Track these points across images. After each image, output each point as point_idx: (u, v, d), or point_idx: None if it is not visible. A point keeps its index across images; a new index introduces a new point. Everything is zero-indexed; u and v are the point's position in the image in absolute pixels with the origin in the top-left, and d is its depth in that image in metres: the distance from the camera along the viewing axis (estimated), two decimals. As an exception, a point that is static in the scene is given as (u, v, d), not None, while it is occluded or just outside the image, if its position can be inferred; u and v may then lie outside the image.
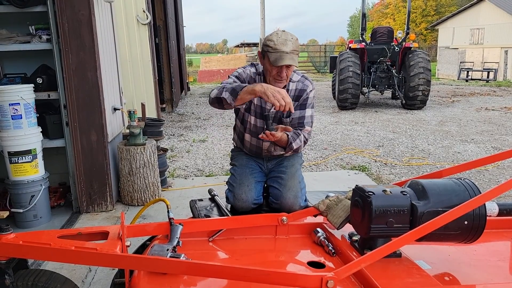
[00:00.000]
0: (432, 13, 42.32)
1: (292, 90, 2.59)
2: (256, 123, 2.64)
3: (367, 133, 8.14)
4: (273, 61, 2.36)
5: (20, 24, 3.99)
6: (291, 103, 2.23)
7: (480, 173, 5.42)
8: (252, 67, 2.64)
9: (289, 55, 2.34)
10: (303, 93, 2.60)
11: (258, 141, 2.68)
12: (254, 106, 2.62)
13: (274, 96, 2.18)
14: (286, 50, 2.34)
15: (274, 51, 2.35)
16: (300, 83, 2.61)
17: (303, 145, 2.62)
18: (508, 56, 21.20)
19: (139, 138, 4.28)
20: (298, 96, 2.61)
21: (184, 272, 1.69)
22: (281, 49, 2.34)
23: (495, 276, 1.79)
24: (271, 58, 2.36)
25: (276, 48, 2.35)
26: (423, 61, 10.71)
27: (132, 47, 6.69)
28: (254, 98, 2.48)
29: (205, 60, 26.76)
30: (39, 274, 1.80)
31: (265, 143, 2.67)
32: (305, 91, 2.60)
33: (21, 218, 3.70)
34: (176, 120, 9.93)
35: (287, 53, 2.34)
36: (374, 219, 1.76)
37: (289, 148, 2.53)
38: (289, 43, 2.35)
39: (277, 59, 2.34)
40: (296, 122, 2.61)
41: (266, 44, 2.39)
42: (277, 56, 2.34)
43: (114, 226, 1.95)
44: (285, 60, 2.33)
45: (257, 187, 2.62)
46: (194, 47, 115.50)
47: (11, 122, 3.53)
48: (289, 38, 2.37)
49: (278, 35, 2.38)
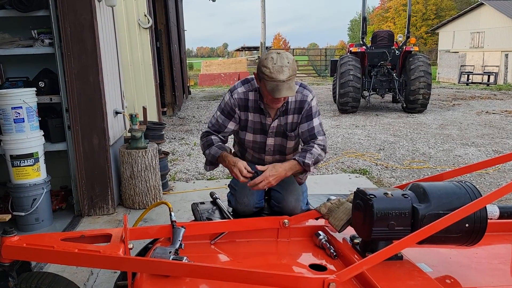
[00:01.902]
0: (433, 17, 42.40)
1: (292, 102, 2.48)
2: (256, 139, 2.59)
3: (368, 137, 8.14)
4: (270, 91, 2.25)
5: (22, 28, 4.01)
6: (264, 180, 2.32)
7: (481, 176, 5.43)
8: (244, 85, 2.52)
9: (286, 84, 2.24)
10: (304, 104, 2.48)
11: (260, 156, 2.65)
12: (251, 123, 2.54)
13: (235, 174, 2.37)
14: (283, 79, 2.22)
15: (270, 80, 2.24)
16: (299, 93, 2.48)
17: (324, 153, 2.52)
18: (508, 60, 21.21)
19: (140, 141, 4.29)
20: (300, 108, 2.49)
21: (186, 275, 1.70)
22: (277, 78, 2.22)
23: (496, 279, 1.79)
24: (268, 87, 2.27)
25: (272, 77, 2.23)
26: (423, 65, 10.72)
27: (134, 51, 6.71)
28: (251, 114, 2.49)
29: (206, 64, 26.77)
30: (42, 277, 1.81)
31: (267, 157, 2.64)
32: (306, 101, 2.48)
33: (23, 221, 3.71)
34: (177, 124, 9.95)
35: (284, 81, 2.23)
36: (375, 222, 1.77)
37: (307, 167, 2.43)
38: (285, 70, 2.23)
39: (274, 90, 2.24)
40: (307, 135, 2.51)
41: (262, 71, 2.27)
42: (274, 86, 2.24)
43: (116, 229, 1.96)
44: (282, 91, 2.23)
45: (259, 191, 2.60)
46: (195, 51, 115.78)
47: (13, 125, 3.54)
48: (285, 63, 2.24)
49: (273, 61, 2.24)
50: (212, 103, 14.14)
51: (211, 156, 2.52)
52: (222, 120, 2.54)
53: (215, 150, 2.50)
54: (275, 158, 2.64)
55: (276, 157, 2.65)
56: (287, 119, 2.51)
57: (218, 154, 2.48)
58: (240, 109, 2.51)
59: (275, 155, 2.64)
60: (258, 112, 2.50)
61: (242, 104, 2.50)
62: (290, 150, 2.64)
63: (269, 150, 2.60)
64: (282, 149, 2.62)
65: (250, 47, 34.94)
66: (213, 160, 2.53)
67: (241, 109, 2.51)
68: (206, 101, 14.69)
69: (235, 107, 2.50)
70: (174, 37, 11.67)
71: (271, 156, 2.63)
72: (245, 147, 2.67)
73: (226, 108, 2.52)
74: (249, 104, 2.50)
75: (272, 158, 2.64)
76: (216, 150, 2.50)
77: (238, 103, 2.50)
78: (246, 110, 2.51)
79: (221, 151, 2.49)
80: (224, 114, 2.53)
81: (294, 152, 2.64)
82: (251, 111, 2.51)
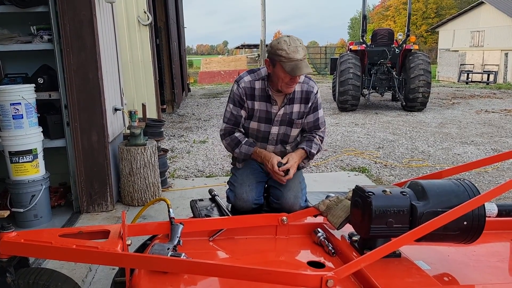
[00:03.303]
0: (433, 16, 42.36)
1: (298, 92, 2.57)
2: (260, 127, 2.62)
3: (367, 135, 8.14)
4: (290, 71, 2.34)
5: (21, 24, 4.00)
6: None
7: (479, 175, 5.43)
8: (250, 74, 2.60)
9: (304, 62, 2.36)
10: (310, 95, 2.59)
11: (262, 145, 2.66)
12: (257, 111, 2.59)
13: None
14: (300, 58, 2.34)
15: (288, 61, 2.33)
16: (305, 84, 2.59)
17: (322, 145, 2.71)
18: (508, 59, 21.19)
19: (139, 138, 4.29)
20: (306, 98, 2.59)
21: (184, 271, 1.70)
22: (295, 58, 2.33)
23: (494, 276, 1.79)
24: (287, 68, 2.34)
25: (289, 58, 2.33)
26: (423, 63, 10.71)
27: (133, 48, 6.70)
28: (257, 103, 2.55)
29: (205, 61, 26.76)
30: (40, 273, 1.81)
31: (269, 147, 2.66)
32: (312, 92, 2.59)
33: (22, 217, 3.70)
34: (176, 121, 9.94)
35: (301, 60, 2.35)
36: (374, 219, 1.77)
37: (312, 156, 2.63)
38: (299, 49, 2.35)
39: (294, 69, 2.34)
40: (312, 126, 2.66)
41: (277, 54, 2.35)
42: (293, 65, 2.34)
43: (115, 225, 1.96)
44: (302, 69, 2.35)
45: (258, 187, 2.63)
46: (195, 49, 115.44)
47: (12, 122, 3.54)
48: (298, 44, 2.37)
49: (287, 43, 2.35)
50: (211, 100, 14.13)
51: (244, 155, 2.63)
52: (236, 111, 2.59)
53: (247, 148, 2.61)
54: (276, 148, 2.67)
55: (278, 147, 2.67)
56: (293, 108, 2.58)
57: (251, 152, 2.61)
58: (247, 98, 2.57)
59: (277, 145, 2.66)
60: (264, 101, 2.56)
61: (248, 93, 2.56)
62: (292, 139, 2.68)
63: (272, 139, 2.63)
64: (285, 138, 2.65)
65: (250, 44, 34.91)
66: (246, 157, 2.65)
67: (248, 98, 2.57)
68: (205, 99, 14.68)
69: (243, 96, 2.56)
70: (173, 34, 11.66)
71: (273, 145, 2.66)
72: (248, 135, 2.70)
73: (236, 98, 2.58)
74: (255, 93, 2.56)
75: (274, 148, 2.67)
76: (247, 148, 2.61)
77: (246, 92, 2.56)
78: (253, 99, 2.56)
79: (253, 148, 2.61)
80: (236, 104, 2.59)
81: (294, 142, 2.70)
82: (258, 99, 2.56)
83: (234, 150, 2.65)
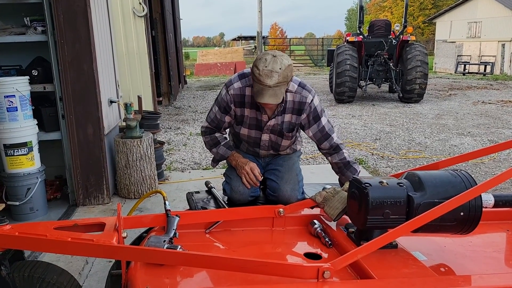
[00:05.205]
0: (430, 7, 42.21)
1: (290, 102, 2.42)
2: (251, 134, 2.56)
3: (364, 127, 8.14)
4: (254, 93, 2.23)
5: (15, 15, 3.96)
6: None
7: (476, 166, 5.44)
8: (241, 80, 2.44)
9: (271, 90, 2.17)
10: (303, 106, 2.42)
11: (255, 150, 2.65)
12: (247, 118, 2.49)
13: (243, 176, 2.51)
14: (269, 84, 2.15)
15: (257, 82, 2.19)
16: (297, 94, 2.41)
17: (346, 149, 2.65)
18: (505, 50, 21.18)
19: (135, 131, 4.27)
20: (299, 110, 2.43)
21: (181, 263, 1.69)
22: (263, 82, 2.16)
23: (490, 267, 1.80)
24: (253, 89, 2.23)
25: (259, 79, 2.17)
26: (420, 55, 10.69)
27: (129, 39, 6.64)
28: (247, 110, 2.46)
29: (202, 54, 26.61)
30: (36, 266, 1.80)
31: (261, 151, 2.64)
32: (305, 103, 2.41)
33: (17, 210, 3.69)
34: (173, 114, 9.91)
35: (270, 87, 2.16)
36: (370, 211, 1.76)
37: (358, 173, 2.51)
38: (274, 75, 2.14)
39: (257, 93, 2.21)
40: (319, 136, 2.51)
41: (252, 71, 2.23)
42: (258, 89, 2.19)
43: (110, 217, 1.95)
44: (264, 97, 2.18)
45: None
46: (191, 41, 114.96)
47: (7, 114, 3.51)
48: (276, 69, 2.15)
49: (265, 63, 2.17)
50: (208, 92, 14.08)
51: (220, 156, 2.65)
52: (220, 116, 2.54)
53: (224, 150, 2.62)
54: (269, 152, 2.66)
55: (270, 152, 2.66)
56: (284, 118, 2.47)
57: (227, 155, 2.62)
58: (236, 105, 2.47)
59: (269, 150, 2.64)
60: (254, 108, 2.46)
61: (238, 100, 2.46)
62: (284, 147, 2.64)
63: (263, 145, 2.60)
64: (276, 146, 2.61)
65: (247, 36, 34.77)
66: (221, 159, 2.67)
67: (237, 105, 2.47)
68: (202, 91, 14.62)
69: (231, 104, 2.47)
70: (169, 26, 11.56)
71: (265, 150, 2.64)
72: (240, 139, 2.67)
73: (222, 104, 2.50)
74: (245, 100, 2.45)
75: (267, 152, 2.65)
76: (224, 150, 2.62)
77: (234, 99, 2.45)
78: (242, 106, 2.47)
79: (230, 151, 2.62)
80: (221, 109, 2.52)
81: (288, 148, 2.67)
82: (248, 106, 2.46)
83: (211, 149, 2.66)
